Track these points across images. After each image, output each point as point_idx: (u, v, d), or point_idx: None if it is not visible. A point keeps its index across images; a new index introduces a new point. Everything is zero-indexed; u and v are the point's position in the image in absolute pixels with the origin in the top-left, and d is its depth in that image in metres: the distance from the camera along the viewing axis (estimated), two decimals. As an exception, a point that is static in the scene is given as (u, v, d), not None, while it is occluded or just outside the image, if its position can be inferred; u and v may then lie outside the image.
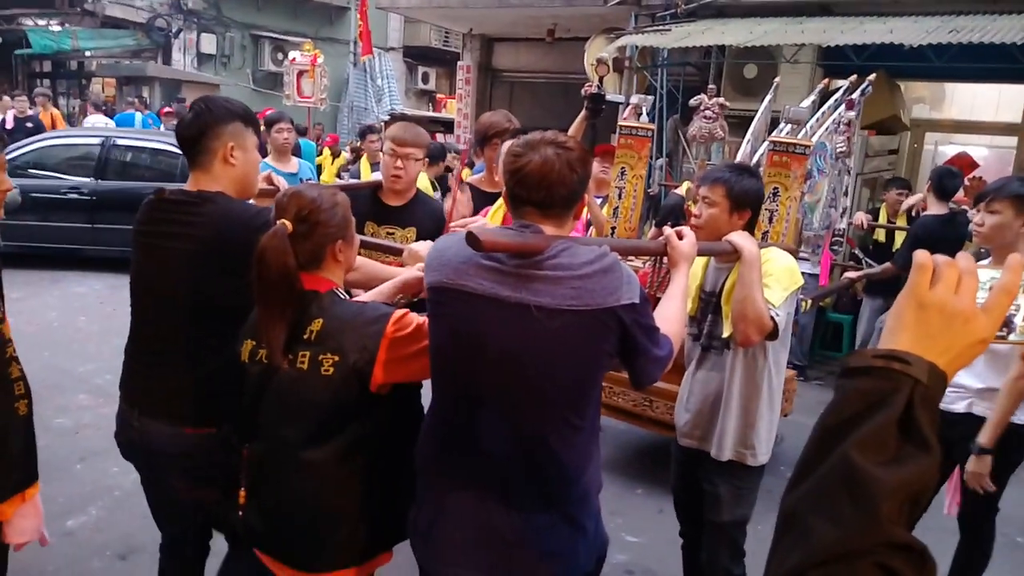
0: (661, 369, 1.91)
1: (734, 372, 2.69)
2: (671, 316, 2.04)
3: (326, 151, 10.46)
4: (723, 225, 2.61)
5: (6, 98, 11.80)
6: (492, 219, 3.21)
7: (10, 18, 16.30)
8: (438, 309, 1.87)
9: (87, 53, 16.90)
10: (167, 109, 12.66)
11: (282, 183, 2.70)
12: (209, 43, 17.85)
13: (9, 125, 10.62)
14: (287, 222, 1.92)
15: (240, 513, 2.08)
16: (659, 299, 2.17)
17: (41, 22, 16.48)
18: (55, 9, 16.29)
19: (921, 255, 0.89)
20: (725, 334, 2.66)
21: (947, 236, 5.18)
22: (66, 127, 12.20)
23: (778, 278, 2.58)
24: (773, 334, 2.53)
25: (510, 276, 1.75)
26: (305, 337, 1.91)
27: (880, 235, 6.52)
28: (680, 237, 2.19)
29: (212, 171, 2.27)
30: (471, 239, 1.71)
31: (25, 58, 16.81)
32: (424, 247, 2.35)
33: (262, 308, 1.94)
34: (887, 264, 5.44)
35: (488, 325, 1.77)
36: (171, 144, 8.90)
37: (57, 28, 16.29)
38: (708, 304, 2.77)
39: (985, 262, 2.59)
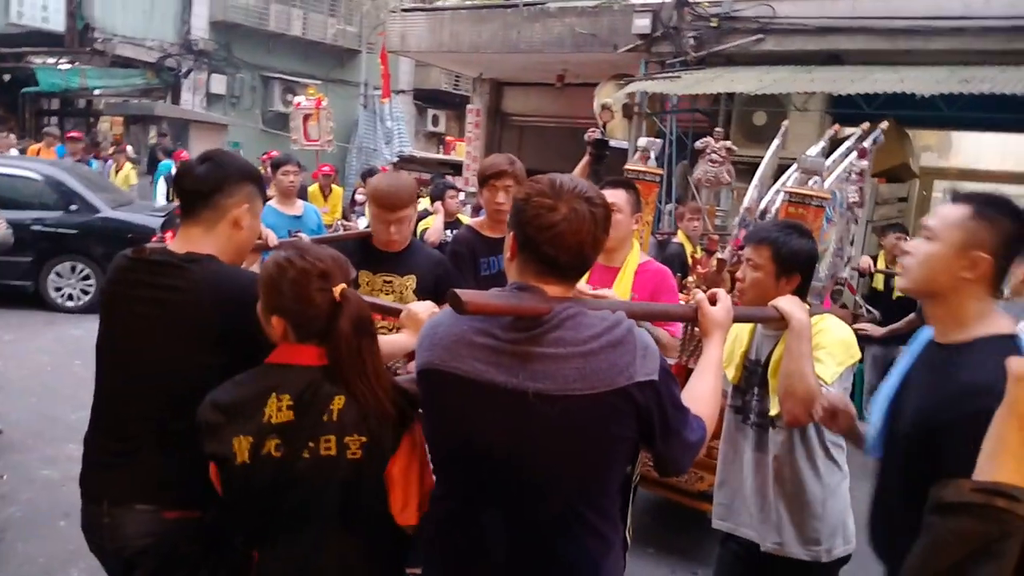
0: (691, 456, 1.68)
1: (787, 454, 2.42)
2: (703, 395, 1.80)
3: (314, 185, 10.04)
4: (769, 291, 2.38)
5: (12, 136, 11.82)
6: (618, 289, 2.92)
7: (19, 56, 16.33)
8: (429, 397, 1.69)
9: (96, 92, 16.93)
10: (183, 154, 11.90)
11: (271, 237, 2.53)
12: (219, 83, 18.08)
13: None
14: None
15: None
16: (691, 371, 1.94)
17: (50, 60, 16.50)
18: (64, 48, 16.32)
19: (1019, 365, 0.71)
20: (772, 412, 2.40)
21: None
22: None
23: (831, 351, 2.33)
24: None
25: (505, 355, 1.55)
26: (325, 419, 1.71)
27: (878, 281, 6.41)
28: (713, 301, 1.95)
29: (215, 231, 2.00)
30: (453, 300, 1.49)
31: (32, 96, 16.82)
32: (425, 309, 2.17)
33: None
34: (912, 316, 5.27)
35: (481, 417, 1.58)
36: (31, 171, 8.77)
37: (66, 66, 16.30)
38: (753, 375, 2.51)
39: None
